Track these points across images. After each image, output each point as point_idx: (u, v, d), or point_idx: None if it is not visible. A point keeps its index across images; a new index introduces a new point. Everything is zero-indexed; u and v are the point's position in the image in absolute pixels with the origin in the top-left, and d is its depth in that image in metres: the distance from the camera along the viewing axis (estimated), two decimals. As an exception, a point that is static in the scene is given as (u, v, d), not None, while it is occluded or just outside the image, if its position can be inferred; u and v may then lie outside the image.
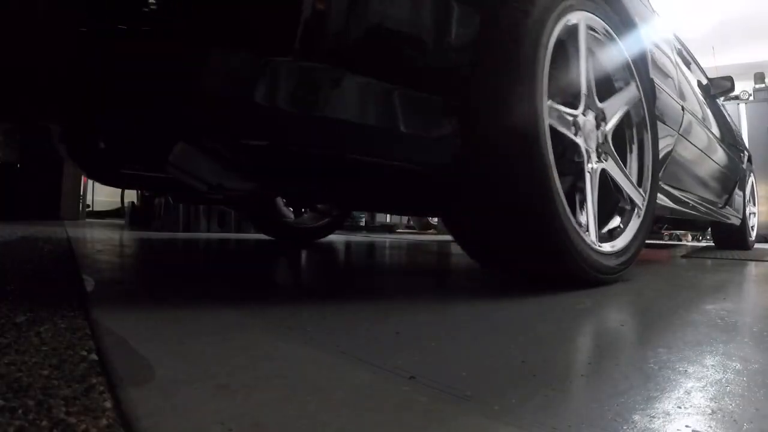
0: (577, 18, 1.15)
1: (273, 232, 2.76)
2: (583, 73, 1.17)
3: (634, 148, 1.44)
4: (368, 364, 0.52)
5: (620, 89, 1.35)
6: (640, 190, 1.38)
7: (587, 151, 1.16)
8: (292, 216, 2.66)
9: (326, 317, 0.76)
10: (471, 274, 1.52)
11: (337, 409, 0.40)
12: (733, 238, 3.83)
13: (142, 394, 0.41)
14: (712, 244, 4.50)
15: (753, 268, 1.99)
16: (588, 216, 1.14)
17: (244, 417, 0.37)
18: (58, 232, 2.66)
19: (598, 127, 1.22)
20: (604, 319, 0.84)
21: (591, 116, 1.20)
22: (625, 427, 0.38)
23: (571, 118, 1.13)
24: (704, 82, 2.86)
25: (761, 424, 0.39)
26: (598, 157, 1.21)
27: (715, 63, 7.85)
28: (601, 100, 1.23)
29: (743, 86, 7.77)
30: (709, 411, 0.41)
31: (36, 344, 0.53)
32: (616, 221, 1.32)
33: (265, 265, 1.65)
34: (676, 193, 1.95)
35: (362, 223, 6.10)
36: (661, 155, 1.62)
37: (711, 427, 0.38)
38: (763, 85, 7.63)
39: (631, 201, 1.33)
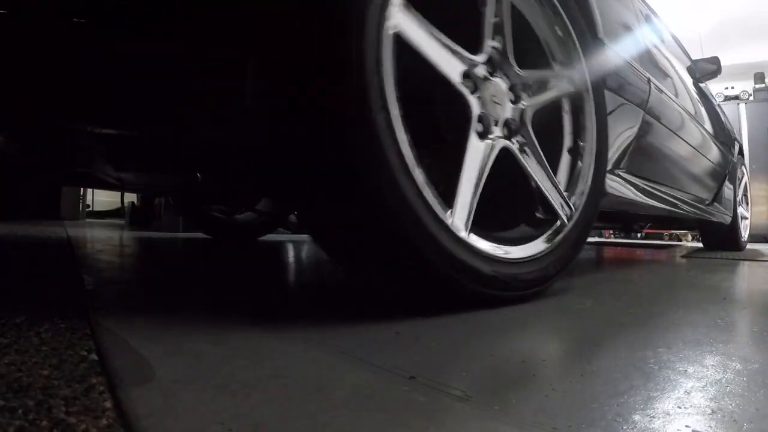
0: None
1: (210, 230, 2.75)
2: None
3: (567, 121, 1.11)
4: (368, 364, 0.52)
5: None
6: (566, 194, 1.04)
7: (506, 124, 0.94)
8: (228, 214, 2.66)
9: (326, 317, 0.76)
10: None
11: (337, 409, 0.40)
12: (722, 238, 3.42)
13: (142, 394, 0.41)
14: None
15: (752, 268, 1.99)
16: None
17: (244, 417, 0.37)
18: (58, 232, 2.67)
19: (491, 72, 0.93)
20: (604, 319, 0.84)
21: (492, 74, 0.93)
22: (625, 427, 0.38)
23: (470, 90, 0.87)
24: (687, 63, 2.52)
25: (761, 424, 0.39)
26: (516, 99, 0.97)
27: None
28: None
29: (743, 86, 7.79)
30: (709, 411, 0.41)
31: (36, 344, 0.53)
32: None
33: (265, 265, 1.65)
34: (643, 184, 1.65)
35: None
36: (620, 138, 1.36)
37: (711, 427, 0.38)
38: (763, 85, 7.64)
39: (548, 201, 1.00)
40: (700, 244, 5.28)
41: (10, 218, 3.69)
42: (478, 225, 0.84)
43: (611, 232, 7.18)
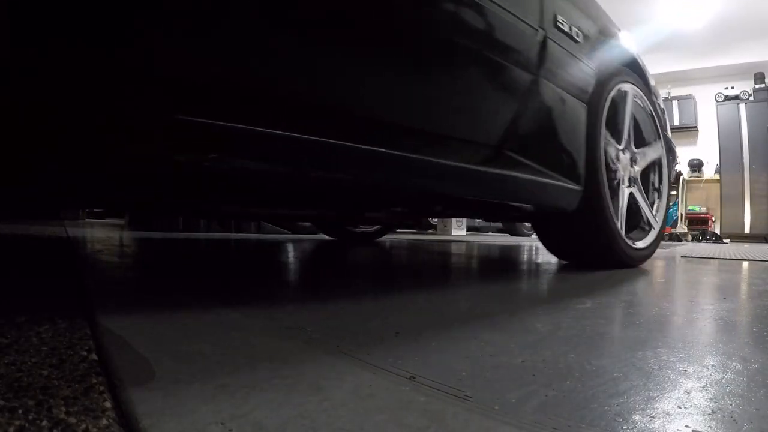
0: None
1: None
2: None
3: None
4: (368, 364, 0.52)
5: None
6: None
7: None
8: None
9: (326, 317, 0.76)
10: (469, 273, 1.51)
11: (337, 409, 0.40)
12: (572, 237, 1.64)
13: (142, 394, 0.41)
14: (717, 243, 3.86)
15: (752, 267, 1.99)
16: None
17: (244, 417, 0.37)
18: (58, 232, 2.67)
19: None
20: (604, 319, 0.84)
21: None
22: (625, 427, 0.38)
23: None
24: None
25: (761, 424, 0.39)
26: None
27: (713, 63, 7.87)
28: None
29: (743, 86, 7.80)
30: (709, 411, 0.41)
31: (36, 344, 0.53)
32: None
33: (264, 264, 1.65)
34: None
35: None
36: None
37: (711, 427, 0.38)
38: (763, 85, 7.66)
39: None
40: (701, 244, 4.87)
41: (10, 218, 3.69)
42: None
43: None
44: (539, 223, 1.73)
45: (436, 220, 6.42)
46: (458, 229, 6.07)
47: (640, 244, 1.75)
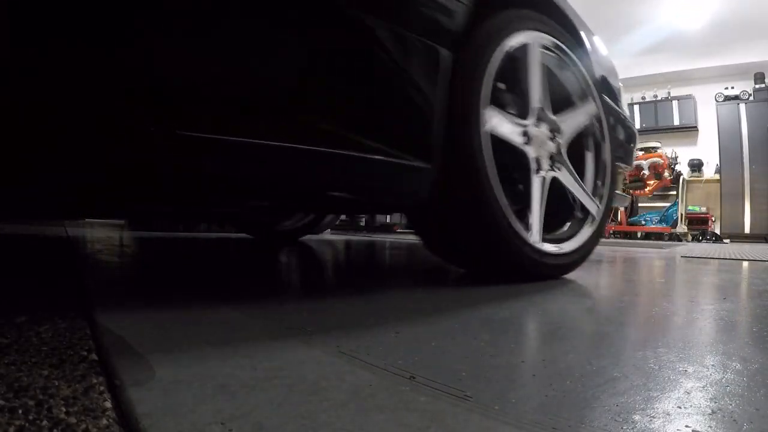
0: None
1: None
2: None
3: None
4: (368, 364, 0.52)
5: None
6: None
7: None
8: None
9: (326, 317, 0.76)
10: (469, 272, 1.51)
11: (337, 409, 0.40)
12: (449, 240, 1.18)
13: (142, 394, 0.41)
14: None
15: (752, 267, 1.99)
16: None
17: (244, 417, 0.37)
18: (58, 232, 2.66)
19: None
20: (604, 318, 0.84)
21: None
22: (625, 427, 0.38)
23: None
24: None
25: (761, 424, 0.39)
26: None
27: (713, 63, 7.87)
28: None
29: (743, 86, 7.80)
30: (709, 411, 0.41)
31: (36, 344, 0.53)
32: None
33: (264, 264, 1.65)
34: None
35: (362, 223, 6.16)
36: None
37: (711, 427, 0.38)
38: (763, 85, 7.66)
39: None
40: (701, 244, 4.83)
41: (10, 218, 3.69)
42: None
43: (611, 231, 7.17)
44: (411, 215, 1.22)
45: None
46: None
47: (551, 248, 1.23)
